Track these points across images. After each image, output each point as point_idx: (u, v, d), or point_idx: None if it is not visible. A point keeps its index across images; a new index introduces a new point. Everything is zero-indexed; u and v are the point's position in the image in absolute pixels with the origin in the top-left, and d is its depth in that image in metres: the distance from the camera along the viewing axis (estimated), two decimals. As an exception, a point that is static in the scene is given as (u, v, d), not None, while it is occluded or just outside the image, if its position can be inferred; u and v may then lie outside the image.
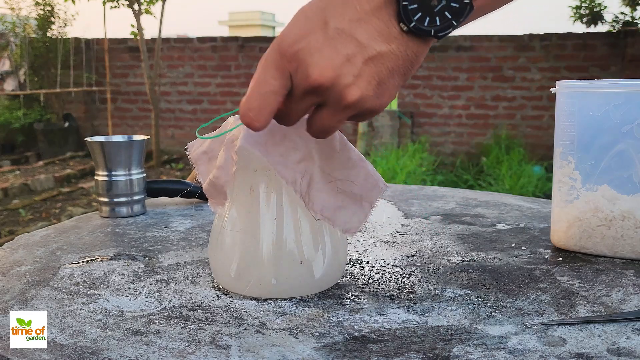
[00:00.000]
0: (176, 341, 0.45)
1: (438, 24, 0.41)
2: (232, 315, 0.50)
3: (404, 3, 0.40)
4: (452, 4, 0.41)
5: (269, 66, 0.42)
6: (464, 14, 0.41)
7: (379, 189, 0.54)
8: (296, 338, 0.46)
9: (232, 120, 0.53)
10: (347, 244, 0.60)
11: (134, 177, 0.87)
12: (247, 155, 0.51)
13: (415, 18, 0.41)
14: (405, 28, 0.41)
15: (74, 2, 5.17)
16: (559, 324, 0.48)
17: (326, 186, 0.52)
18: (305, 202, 0.51)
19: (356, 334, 0.46)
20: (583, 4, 4.98)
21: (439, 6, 0.41)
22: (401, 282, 0.58)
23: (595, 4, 5.01)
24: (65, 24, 6.13)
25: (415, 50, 0.42)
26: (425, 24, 0.41)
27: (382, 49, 0.41)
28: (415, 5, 0.40)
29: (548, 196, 3.42)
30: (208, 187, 0.54)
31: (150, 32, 10.67)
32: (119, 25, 6.39)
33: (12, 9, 5.99)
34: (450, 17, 0.41)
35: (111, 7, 5.17)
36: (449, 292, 0.56)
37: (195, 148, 0.57)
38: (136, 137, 0.88)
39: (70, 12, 8.50)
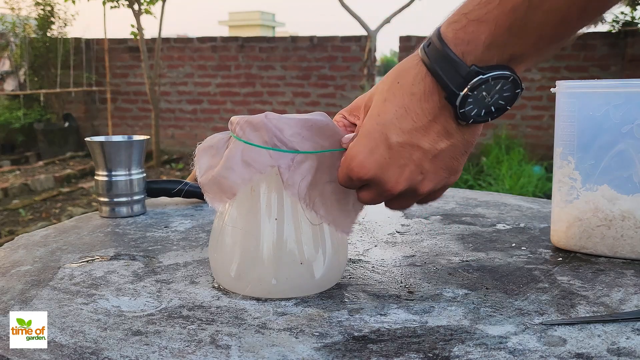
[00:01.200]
0: (176, 341, 0.45)
1: (494, 111, 0.44)
2: (232, 315, 0.50)
3: (461, 111, 0.43)
4: (505, 94, 0.43)
5: (344, 178, 0.48)
6: (517, 98, 0.44)
7: None
8: (296, 338, 0.46)
9: (236, 119, 0.53)
10: (348, 244, 0.60)
11: (134, 177, 0.87)
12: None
13: (473, 114, 0.44)
14: (464, 124, 0.45)
15: (74, 2, 5.17)
16: (559, 324, 0.48)
17: (325, 188, 0.52)
18: (307, 204, 0.52)
19: (356, 334, 0.46)
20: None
21: (493, 100, 0.44)
22: (401, 282, 0.58)
23: (595, 4, 5.00)
24: (65, 24, 6.14)
25: (472, 134, 0.46)
26: (482, 116, 0.44)
27: (443, 146, 0.45)
28: (471, 107, 0.43)
29: (548, 196, 3.41)
30: (208, 182, 0.54)
31: (150, 32, 10.68)
32: (119, 25, 6.40)
33: (12, 9, 5.99)
34: (504, 103, 0.44)
35: (111, 7, 5.17)
36: (449, 292, 0.56)
37: (206, 141, 0.57)
38: (136, 137, 0.88)
39: (70, 12, 8.50)
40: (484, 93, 0.43)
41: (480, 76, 0.42)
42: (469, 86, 0.42)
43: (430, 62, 0.43)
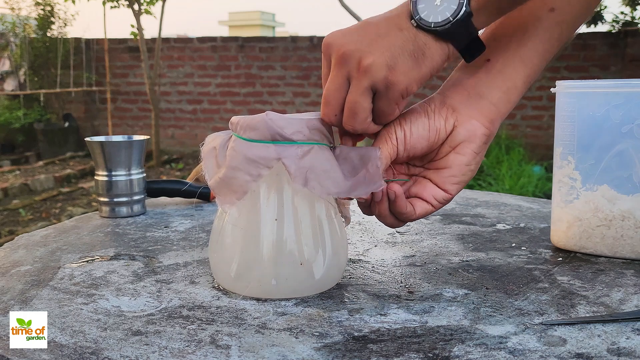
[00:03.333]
0: (176, 341, 0.45)
1: (438, 20, 0.49)
2: (232, 315, 0.50)
3: (413, 1, 0.50)
4: (451, 5, 0.49)
5: (323, 58, 0.54)
6: (459, 13, 0.49)
7: (376, 150, 0.53)
8: (296, 338, 0.46)
9: (237, 119, 0.53)
10: (348, 245, 0.60)
11: (134, 177, 0.87)
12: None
13: (422, 14, 0.50)
14: (414, 24, 0.50)
15: (74, 2, 5.17)
16: (559, 324, 0.48)
17: (333, 171, 0.52)
18: (317, 192, 0.51)
19: (356, 334, 0.46)
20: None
21: (441, 7, 0.49)
22: (401, 282, 0.58)
23: (595, 4, 5.01)
24: (65, 24, 6.14)
25: (424, 41, 0.50)
26: (429, 20, 0.49)
27: (394, 31, 0.50)
28: (423, 5, 0.50)
29: (548, 196, 3.41)
30: (217, 185, 0.54)
31: (150, 32, 10.67)
32: (119, 25, 6.40)
33: (12, 9, 5.99)
34: (448, 14, 0.49)
35: (111, 7, 5.18)
36: (449, 292, 0.56)
37: (208, 143, 0.57)
38: (136, 137, 0.88)
39: (70, 12, 8.50)
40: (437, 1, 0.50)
41: None
42: None
43: None
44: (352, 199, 0.55)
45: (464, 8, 0.49)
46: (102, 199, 0.86)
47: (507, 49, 0.56)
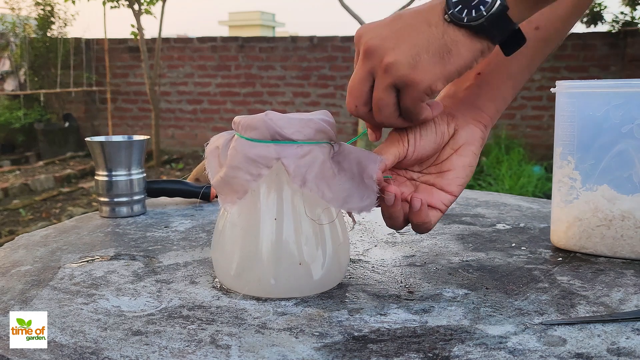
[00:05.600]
0: (176, 341, 0.45)
1: (473, 15, 0.48)
2: (232, 315, 0.50)
3: None
4: (486, 0, 0.48)
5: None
6: (494, 6, 0.48)
7: (375, 159, 0.53)
8: (296, 338, 0.46)
9: (238, 119, 0.53)
10: (350, 246, 0.60)
11: (134, 177, 0.87)
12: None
13: (456, 9, 0.48)
14: (447, 19, 0.49)
15: (74, 2, 5.17)
16: (558, 324, 0.48)
17: (331, 174, 0.52)
18: (314, 193, 0.51)
19: (356, 334, 0.47)
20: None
21: (475, 1, 0.48)
22: (401, 282, 0.58)
23: (595, 4, 5.01)
24: (65, 24, 6.14)
25: (453, 37, 0.49)
26: (463, 15, 0.48)
27: (422, 27, 0.49)
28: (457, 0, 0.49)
29: (548, 196, 3.41)
30: (219, 184, 0.54)
31: (150, 32, 10.68)
32: (119, 25, 6.41)
33: (12, 9, 5.99)
34: (482, 9, 0.48)
35: (111, 7, 5.18)
36: (448, 292, 0.56)
37: (212, 142, 0.57)
38: (136, 137, 0.88)
39: (70, 12, 8.52)
40: None
41: None
42: None
43: None
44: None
45: (498, 1, 0.48)
46: (102, 199, 0.86)
47: (496, 65, 0.59)
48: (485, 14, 0.48)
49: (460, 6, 0.48)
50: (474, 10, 0.48)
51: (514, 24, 0.49)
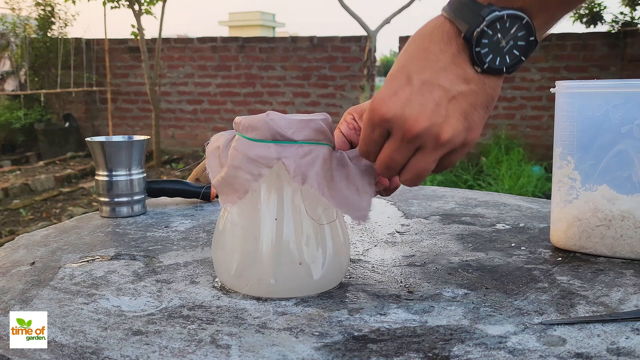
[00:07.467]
0: (176, 341, 0.45)
1: (508, 61, 0.46)
2: (232, 315, 0.50)
3: (477, 50, 0.45)
4: (519, 42, 0.45)
5: (367, 125, 0.48)
6: (531, 49, 0.46)
7: (372, 175, 0.54)
8: (296, 338, 0.46)
9: (239, 119, 0.54)
10: (350, 246, 0.61)
11: (135, 177, 0.87)
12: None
13: (488, 60, 0.45)
14: (479, 70, 0.46)
15: (74, 2, 5.17)
16: (558, 324, 0.48)
17: (333, 175, 0.52)
18: (314, 189, 0.51)
19: (356, 333, 0.47)
20: (582, 4, 4.98)
21: (507, 47, 0.45)
22: (401, 282, 0.58)
23: (595, 4, 5.02)
24: (66, 24, 6.14)
25: (492, 85, 0.46)
26: (497, 64, 0.45)
27: (462, 89, 0.45)
28: (487, 49, 0.45)
29: (547, 196, 3.41)
30: (220, 184, 0.54)
31: (150, 33, 10.68)
32: (119, 25, 6.41)
33: (13, 9, 5.99)
34: (518, 54, 0.46)
35: (111, 8, 5.18)
36: (448, 292, 0.56)
37: (212, 142, 0.57)
38: (136, 137, 0.88)
39: (71, 13, 8.52)
40: (499, 35, 0.45)
41: (496, 12, 0.44)
42: (485, 22, 0.44)
43: (449, 10, 0.46)
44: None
45: (532, 37, 0.45)
46: (102, 199, 0.86)
47: None
48: (523, 59, 0.46)
49: (492, 56, 0.45)
50: (507, 57, 0.45)
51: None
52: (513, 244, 0.72)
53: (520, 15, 0.44)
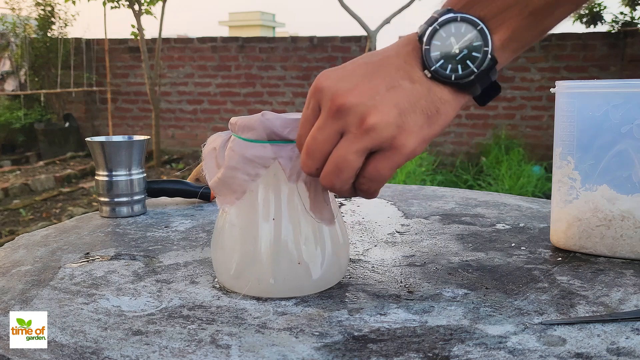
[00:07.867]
0: (176, 341, 0.45)
1: (459, 72, 0.44)
2: (232, 315, 0.50)
3: (426, 47, 0.44)
4: (474, 53, 0.43)
5: (306, 101, 0.46)
6: (484, 62, 0.44)
7: None
8: (296, 338, 0.46)
9: (235, 120, 0.54)
10: (350, 246, 0.61)
11: (135, 177, 0.87)
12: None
13: (438, 65, 0.43)
14: (429, 75, 0.44)
15: (74, 2, 5.17)
16: (558, 324, 0.48)
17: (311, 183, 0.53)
18: (307, 188, 0.52)
19: (356, 333, 0.47)
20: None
21: (461, 55, 0.44)
22: (401, 282, 0.58)
23: (595, 4, 5.01)
24: (66, 24, 6.14)
25: (439, 96, 0.44)
26: (447, 71, 0.43)
27: (405, 84, 0.43)
28: (437, 53, 0.44)
29: (547, 196, 3.41)
30: (217, 185, 0.54)
31: (150, 33, 10.68)
32: (119, 25, 6.42)
33: (13, 9, 6.00)
34: (471, 65, 0.44)
35: (111, 8, 5.18)
36: (448, 292, 0.56)
37: (209, 143, 0.57)
38: (136, 137, 0.88)
39: (71, 13, 8.51)
40: (452, 39, 0.44)
41: (451, 14, 0.44)
42: (438, 21, 0.44)
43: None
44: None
45: (489, 56, 0.43)
46: (102, 199, 0.86)
47: None
48: (476, 70, 0.43)
49: (443, 61, 0.43)
50: (460, 67, 0.43)
51: (495, 75, 0.45)
52: (513, 244, 0.72)
53: (475, 21, 0.43)
